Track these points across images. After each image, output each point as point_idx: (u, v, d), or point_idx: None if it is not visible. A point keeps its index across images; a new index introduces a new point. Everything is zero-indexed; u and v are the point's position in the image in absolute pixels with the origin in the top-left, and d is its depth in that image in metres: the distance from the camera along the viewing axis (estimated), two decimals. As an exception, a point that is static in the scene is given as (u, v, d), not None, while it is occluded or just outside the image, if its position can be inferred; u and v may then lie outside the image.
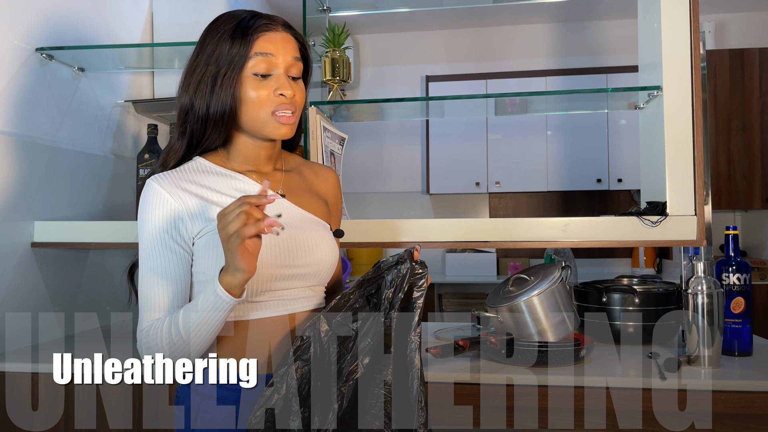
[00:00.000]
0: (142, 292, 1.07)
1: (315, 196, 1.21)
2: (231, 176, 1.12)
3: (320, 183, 1.25)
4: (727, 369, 1.44)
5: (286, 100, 1.07)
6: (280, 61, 1.07)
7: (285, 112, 1.07)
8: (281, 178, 1.18)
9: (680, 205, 1.61)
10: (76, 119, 1.97)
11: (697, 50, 1.63)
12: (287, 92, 1.06)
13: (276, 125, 1.07)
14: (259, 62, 1.05)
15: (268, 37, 1.06)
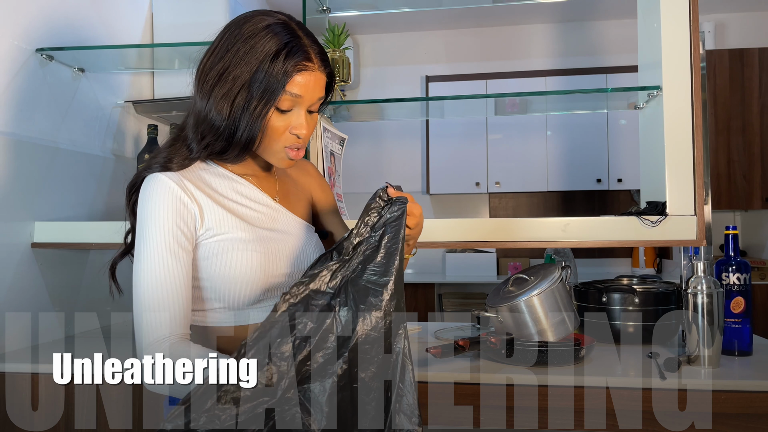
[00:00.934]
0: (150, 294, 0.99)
1: (302, 198, 1.23)
2: (233, 179, 1.12)
3: (304, 178, 1.26)
4: (727, 369, 1.44)
5: (299, 141, 1.07)
6: (307, 105, 1.06)
7: (297, 150, 1.08)
8: (275, 182, 1.18)
9: (680, 204, 1.61)
10: (76, 120, 1.98)
11: (697, 50, 1.63)
12: (302, 132, 1.06)
13: (283, 159, 1.08)
14: (286, 99, 1.03)
15: (303, 79, 1.02)
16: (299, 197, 1.22)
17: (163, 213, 1.01)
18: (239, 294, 1.05)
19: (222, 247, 1.04)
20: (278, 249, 1.09)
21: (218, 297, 1.06)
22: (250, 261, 1.05)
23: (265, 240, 1.08)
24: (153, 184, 1.03)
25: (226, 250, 1.04)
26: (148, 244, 1.00)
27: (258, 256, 1.05)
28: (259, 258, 1.05)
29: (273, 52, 1.01)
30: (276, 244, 1.09)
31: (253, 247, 1.06)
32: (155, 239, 1.00)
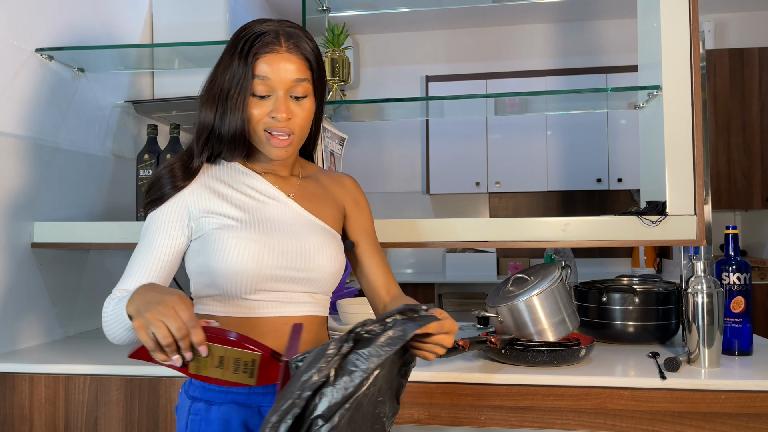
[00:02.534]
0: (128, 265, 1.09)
1: (329, 203, 1.22)
2: (247, 173, 1.16)
3: (337, 188, 1.25)
4: (727, 368, 1.44)
5: (278, 124, 1.07)
6: (278, 86, 1.07)
7: (278, 134, 1.08)
8: (296, 183, 1.20)
9: (680, 204, 1.61)
10: (76, 120, 1.97)
11: (697, 50, 1.63)
12: (279, 115, 1.07)
13: (270, 147, 1.10)
14: (257, 84, 1.06)
15: (267, 60, 1.06)
16: (325, 202, 1.21)
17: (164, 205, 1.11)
18: (236, 283, 1.06)
19: (217, 234, 1.07)
20: (277, 242, 1.09)
21: (214, 283, 1.08)
22: (248, 250, 1.06)
23: (262, 230, 1.09)
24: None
25: (221, 237, 1.07)
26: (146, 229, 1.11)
27: (251, 245, 1.06)
28: (253, 247, 1.06)
29: (242, 44, 1.07)
30: (273, 236, 1.09)
31: (247, 236, 1.07)
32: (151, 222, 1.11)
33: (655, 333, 1.66)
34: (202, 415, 1.08)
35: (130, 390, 1.50)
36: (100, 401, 1.51)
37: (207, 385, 1.08)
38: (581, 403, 1.37)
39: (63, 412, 1.51)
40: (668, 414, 1.36)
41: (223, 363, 0.93)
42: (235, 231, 1.08)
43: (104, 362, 1.54)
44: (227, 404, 1.07)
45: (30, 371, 1.54)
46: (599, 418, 1.38)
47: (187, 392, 1.12)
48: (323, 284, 1.14)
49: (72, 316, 1.94)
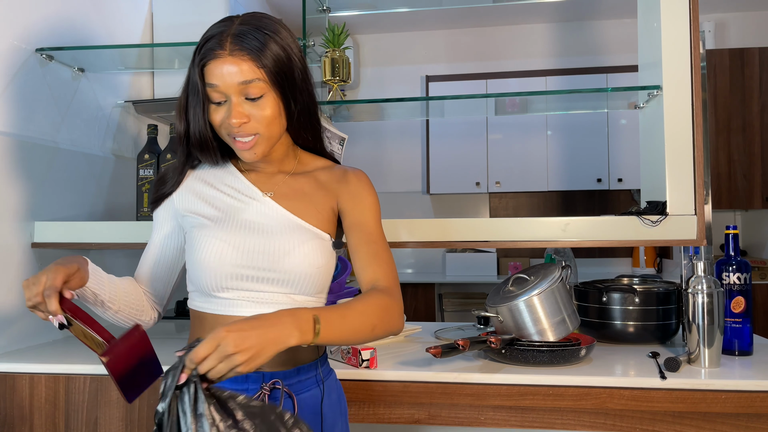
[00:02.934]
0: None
1: (318, 201, 1.16)
2: (230, 172, 1.18)
3: (336, 184, 1.19)
4: (728, 368, 1.44)
5: (235, 129, 1.06)
6: (226, 91, 1.05)
7: (240, 138, 1.08)
8: (281, 180, 1.17)
9: (680, 204, 1.61)
10: (76, 120, 1.97)
11: (697, 50, 1.63)
12: (232, 121, 1.05)
13: (238, 150, 1.10)
14: (210, 92, 1.06)
15: (211, 67, 1.04)
16: (313, 200, 1.16)
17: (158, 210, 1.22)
18: (203, 279, 1.09)
19: (192, 232, 1.13)
20: (243, 241, 1.09)
21: (191, 280, 1.13)
22: (212, 248, 1.09)
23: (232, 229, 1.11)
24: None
25: (194, 236, 1.12)
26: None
27: (216, 243, 1.09)
28: (216, 245, 1.09)
29: (193, 55, 1.08)
30: (243, 236, 1.10)
31: (214, 234, 1.10)
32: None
33: (655, 333, 1.66)
34: None
35: (130, 390, 1.50)
36: (100, 401, 1.51)
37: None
38: (581, 403, 1.37)
39: (63, 412, 1.51)
40: (668, 414, 1.36)
41: (86, 336, 0.99)
42: (206, 230, 1.11)
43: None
44: None
45: (30, 371, 1.54)
46: (599, 418, 1.38)
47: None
48: (300, 285, 1.10)
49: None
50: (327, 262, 1.14)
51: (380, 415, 1.44)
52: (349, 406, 1.44)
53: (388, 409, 1.44)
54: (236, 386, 1.07)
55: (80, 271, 1.02)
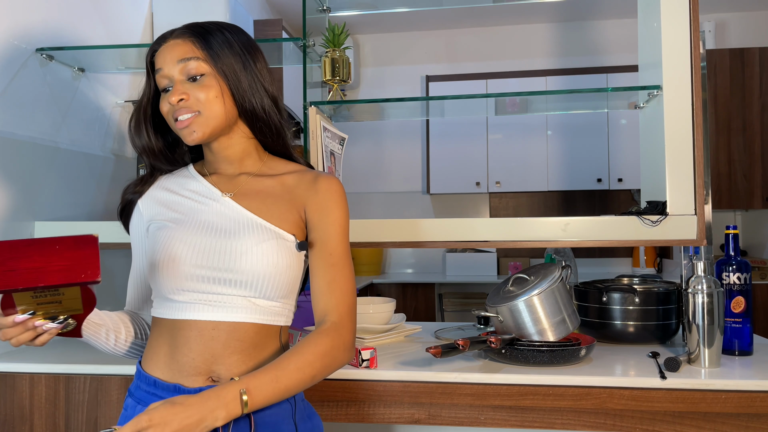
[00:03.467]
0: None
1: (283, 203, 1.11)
2: (190, 177, 1.17)
3: (304, 191, 1.13)
4: (728, 368, 1.44)
5: (175, 107, 1.07)
6: (170, 72, 1.08)
7: (180, 116, 1.07)
8: (244, 180, 1.13)
9: (680, 204, 1.61)
10: (76, 119, 1.97)
11: (697, 50, 1.63)
12: (171, 99, 1.06)
13: (179, 132, 1.09)
14: (158, 79, 1.09)
15: (159, 52, 1.09)
16: (277, 202, 1.11)
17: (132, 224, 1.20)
18: (160, 281, 1.06)
19: (152, 236, 1.12)
20: (201, 241, 1.05)
21: (152, 285, 1.11)
22: (169, 249, 1.06)
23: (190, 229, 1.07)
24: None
25: (154, 239, 1.10)
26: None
27: (173, 243, 1.06)
28: (174, 245, 1.05)
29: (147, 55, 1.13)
30: (201, 235, 1.06)
31: (172, 235, 1.07)
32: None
33: (655, 333, 1.66)
34: (129, 411, 1.08)
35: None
36: (101, 401, 1.51)
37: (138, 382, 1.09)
38: (581, 402, 1.37)
39: (63, 412, 1.52)
40: (668, 414, 1.36)
41: (42, 300, 0.88)
42: (165, 231, 1.09)
43: (104, 362, 1.54)
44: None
45: (30, 371, 1.54)
46: (599, 417, 1.38)
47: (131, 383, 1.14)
48: (259, 287, 1.04)
49: (72, 316, 1.94)
50: (290, 263, 1.07)
51: (380, 415, 1.44)
52: (349, 407, 1.44)
53: (388, 409, 1.44)
54: None
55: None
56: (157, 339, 1.08)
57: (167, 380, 1.04)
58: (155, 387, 1.04)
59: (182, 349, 1.04)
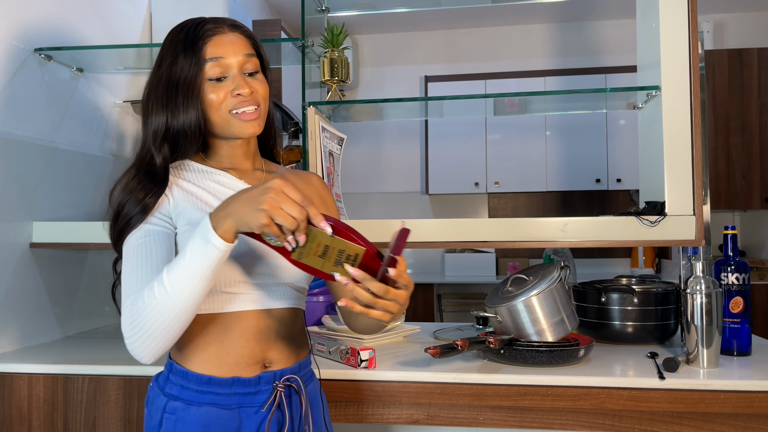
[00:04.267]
0: (126, 273, 1.02)
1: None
2: (210, 171, 1.13)
3: (303, 185, 1.22)
4: (726, 368, 1.44)
5: (243, 98, 1.07)
6: (233, 62, 1.07)
7: (246, 108, 1.07)
8: (262, 176, 1.17)
9: (679, 204, 1.61)
10: (74, 119, 1.97)
11: (696, 50, 1.63)
12: (244, 91, 1.06)
13: (240, 123, 1.08)
14: (211, 67, 1.06)
15: (216, 41, 1.07)
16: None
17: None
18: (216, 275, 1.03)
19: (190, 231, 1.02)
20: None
21: None
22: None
23: None
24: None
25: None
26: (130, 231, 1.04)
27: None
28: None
29: (183, 37, 1.07)
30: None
31: None
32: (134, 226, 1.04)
33: (653, 333, 1.66)
34: (178, 415, 1.04)
35: (128, 390, 1.50)
36: (99, 401, 1.51)
37: (185, 384, 1.05)
38: (580, 403, 1.37)
39: (62, 412, 1.51)
40: (667, 414, 1.36)
41: (326, 253, 0.93)
42: None
43: (103, 362, 1.54)
44: (206, 406, 1.04)
45: (28, 371, 1.54)
46: (598, 418, 1.38)
47: (162, 388, 1.07)
48: (297, 276, 1.11)
49: (71, 316, 1.94)
50: None
51: (379, 416, 1.44)
52: (348, 407, 1.44)
53: (386, 409, 1.44)
54: (249, 389, 1.06)
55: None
56: (203, 336, 1.06)
57: (223, 375, 1.05)
58: (209, 384, 1.04)
59: (238, 341, 1.06)
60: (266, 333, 1.08)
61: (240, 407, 1.05)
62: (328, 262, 0.93)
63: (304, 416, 1.11)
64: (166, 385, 1.07)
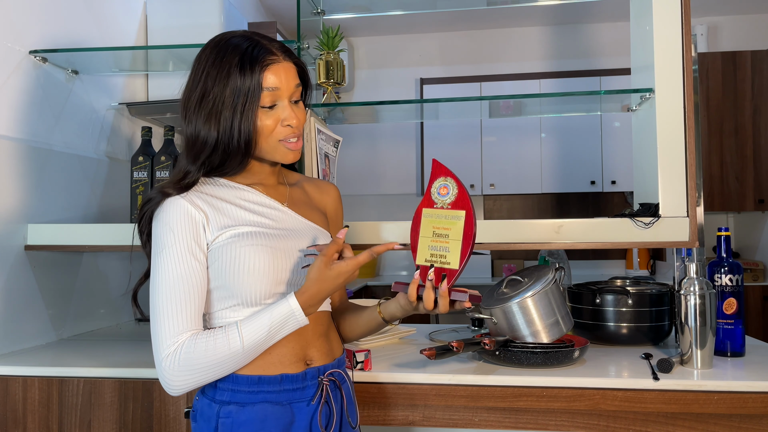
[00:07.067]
0: (166, 305, 1.06)
1: (315, 209, 1.28)
2: (238, 188, 1.19)
3: (321, 196, 1.33)
4: (720, 369, 1.45)
5: (293, 130, 1.14)
6: (285, 93, 1.12)
7: (292, 140, 1.14)
8: (286, 191, 1.25)
9: (672, 206, 1.62)
10: (70, 122, 1.97)
11: (689, 53, 1.64)
12: (293, 122, 1.12)
13: (285, 152, 1.15)
14: (267, 95, 1.10)
15: (274, 71, 1.11)
16: (311, 206, 1.28)
17: (176, 226, 1.09)
18: (253, 287, 1.10)
19: (231, 245, 1.10)
20: (285, 246, 1.14)
21: (232, 294, 1.10)
22: (259, 255, 1.10)
23: (272, 237, 1.13)
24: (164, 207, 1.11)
25: (235, 247, 1.10)
26: (163, 255, 1.08)
27: (266, 251, 1.11)
28: (268, 253, 1.11)
29: (240, 61, 1.09)
30: (283, 241, 1.14)
31: (261, 242, 1.11)
32: (170, 249, 1.08)
33: (648, 334, 1.67)
34: (233, 417, 1.09)
35: (123, 392, 1.49)
36: (94, 404, 1.50)
37: (236, 387, 1.10)
38: (575, 404, 1.38)
39: (57, 415, 1.51)
40: (661, 415, 1.36)
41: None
42: (252, 239, 1.11)
43: (98, 365, 1.54)
44: (260, 404, 1.10)
45: (23, 374, 1.53)
46: (593, 419, 1.38)
47: (212, 398, 1.12)
48: None
49: (66, 319, 1.93)
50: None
51: (375, 417, 1.44)
52: (344, 408, 1.45)
53: (382, 411, 1.44)
54: (297, 384, 1.13)
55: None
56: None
57: (271, 373, 1.11)
58: (259, 384, 1.10)
59: (280, 342, 1.12)
60: (304, 332, 1.14)
61: (291, 403, 1.12)
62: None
63: (346, 409, 1.20)
64: (216, 393, 1.12)
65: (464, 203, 1.15)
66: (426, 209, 1.18)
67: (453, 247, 1.12)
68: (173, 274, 1.07)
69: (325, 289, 1.09)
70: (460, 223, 1.12)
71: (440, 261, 1.15)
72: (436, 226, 1.16)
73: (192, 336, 1.06)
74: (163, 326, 1.06)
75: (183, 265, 1.08)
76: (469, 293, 1.14)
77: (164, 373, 1.05)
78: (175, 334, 1.05)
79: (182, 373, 1.04)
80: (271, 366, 1.11)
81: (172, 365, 1.04)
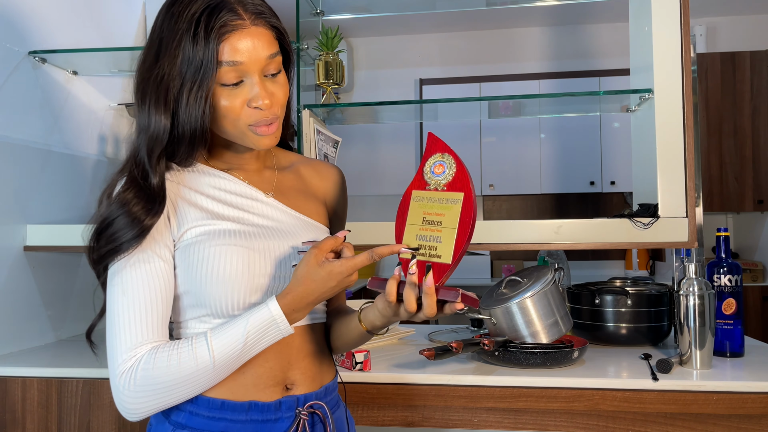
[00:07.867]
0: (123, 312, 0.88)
1: (311, 197, 1.07)
2: (212, 174, 0.99)
3: (319, 182, 1.10)
4: (719, 370, 1.45)
5: (262, 113, 0.91)
6: (253, 68, 0.89)
7: (263, 122, 0.92)
8: (273, 177, 1.04)
9: (672, 207, 1.62)
10: (69, 122, 1.97)
11: (688, 53, 1.64)
12: (263, 102, 0.89)
13: (255, 138, 0.92)
14: (226, 72, 0.87)
15: (234, 40, 0.87)
16: (306, 195, 1.07)
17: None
18: (223, 296, 0.91)
19: (198, 245, 0.91)
20: (265, 246, 0.94)
21: (200, 302, 0.92)
22: (231, 258, 0.91)
23: (248, 235, 0.94)
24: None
25: (203, 248, 0.91)
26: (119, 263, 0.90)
27: (240, 252, 0.91)
28: (242, 254, 0.91)
29: (194, 24, 0.86)
30: (262, 241, 0.95)
31: (233, 242, 0.92)
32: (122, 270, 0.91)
33: (647, 335, 1.67)
34: None
35: (123, 393, 1.49)
36: (93, 405, 1.50)
37: (195, 410, 0.92)
38: (574, 404, 1.38)
39: (56, 416, 1.51)
40: (660, 415, 1.36)
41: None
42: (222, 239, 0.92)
43: (97, 366, 1.54)
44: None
45: (22, 375, 1.53)
46: (592, 419, 1.38)
47: (167, 415, 0.93)
48: None
49: (64, 320, 1.93)
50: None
51: (374, 418, 1.44)
52: (343, 409, 1.44)
53: (381, 411, 1.44)
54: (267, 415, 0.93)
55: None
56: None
57: (238, 399, 0.92)
58: (222, 410, 0.91)
59: (256, 359, 0.92)
60: (287, 350, 0.96)
61: None
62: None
63: None
64: (172, 412, 0.93)
65: (463, 184, 0.89)
66: (416, 191, 0.92)
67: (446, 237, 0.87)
68: (132, 274, 0.89)
69: (313, 291, 0.87)
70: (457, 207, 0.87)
71: (429, 253, 0.89)
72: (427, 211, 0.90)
73: (152, 349, 0.87)
74: (119, 337, 0.87)
75: (144, 264, 0.89)
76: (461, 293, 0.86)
77: (119, 395, 0.87)
78: (133, 346, 0.87)
79: (140, 394, 0.86)
80: (241, 389, 0.92)
81: (128, 384, 0.86)
